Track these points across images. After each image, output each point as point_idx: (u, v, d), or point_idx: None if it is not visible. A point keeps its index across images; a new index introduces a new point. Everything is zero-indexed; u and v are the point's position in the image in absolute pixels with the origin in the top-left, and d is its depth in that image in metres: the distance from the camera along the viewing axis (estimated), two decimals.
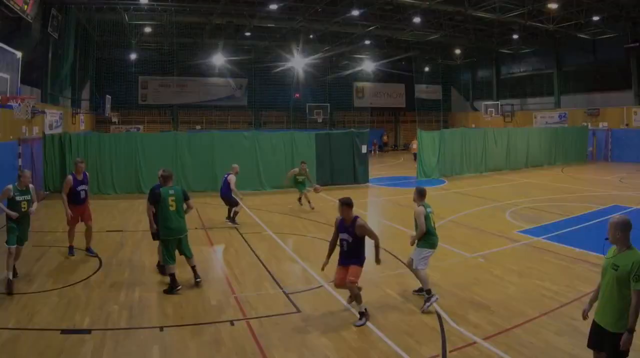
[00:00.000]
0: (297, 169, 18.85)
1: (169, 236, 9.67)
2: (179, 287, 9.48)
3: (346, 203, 8.33)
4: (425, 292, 8.75)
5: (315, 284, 10.06)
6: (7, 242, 9.72)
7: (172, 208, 9.69)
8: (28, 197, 10.11)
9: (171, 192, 9.75)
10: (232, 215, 15.76)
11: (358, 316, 8.16)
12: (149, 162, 21.80)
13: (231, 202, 15.62)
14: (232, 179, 15.52)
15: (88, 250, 12.19)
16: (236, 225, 15.46)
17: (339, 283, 8.37)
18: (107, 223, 15.82)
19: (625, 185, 24.44)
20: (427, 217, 8.87)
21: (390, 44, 44.69)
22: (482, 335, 7.49)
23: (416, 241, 8.99)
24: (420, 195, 9.14)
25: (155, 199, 9.77)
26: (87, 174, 12.49)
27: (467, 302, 8.88)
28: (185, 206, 10.00)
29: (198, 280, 9.89)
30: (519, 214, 17.23)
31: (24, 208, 9.99)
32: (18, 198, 9.90)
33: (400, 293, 9.38)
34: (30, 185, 10.27)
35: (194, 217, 16.82)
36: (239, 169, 15.96)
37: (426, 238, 8.91)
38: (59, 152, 21.52)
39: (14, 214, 9.73)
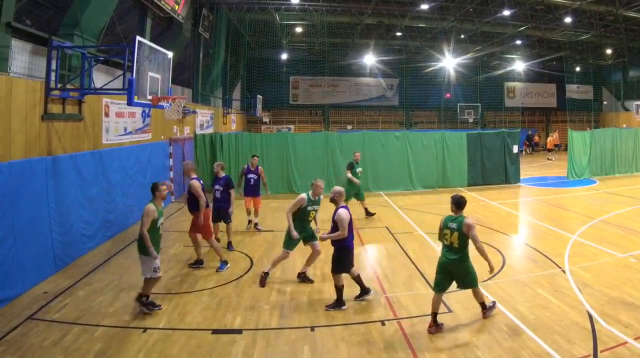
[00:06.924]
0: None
1: None
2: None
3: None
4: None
5: None
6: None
7: None
8: (317, 207, 9.87)
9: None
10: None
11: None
12: (300, 162, 21.27)
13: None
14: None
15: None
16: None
17: None
18: (259, 223, 15.16)
19: None
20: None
21: (541, 44, 42.24)
22: (634, 335, 7.27)
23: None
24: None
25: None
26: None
27: (618, 302, 8.60)
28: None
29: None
30: None
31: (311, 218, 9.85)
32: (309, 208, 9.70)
33: (551, 293, 9.08)
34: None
35: None
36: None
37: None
38: (210, 151, 20.94)
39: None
